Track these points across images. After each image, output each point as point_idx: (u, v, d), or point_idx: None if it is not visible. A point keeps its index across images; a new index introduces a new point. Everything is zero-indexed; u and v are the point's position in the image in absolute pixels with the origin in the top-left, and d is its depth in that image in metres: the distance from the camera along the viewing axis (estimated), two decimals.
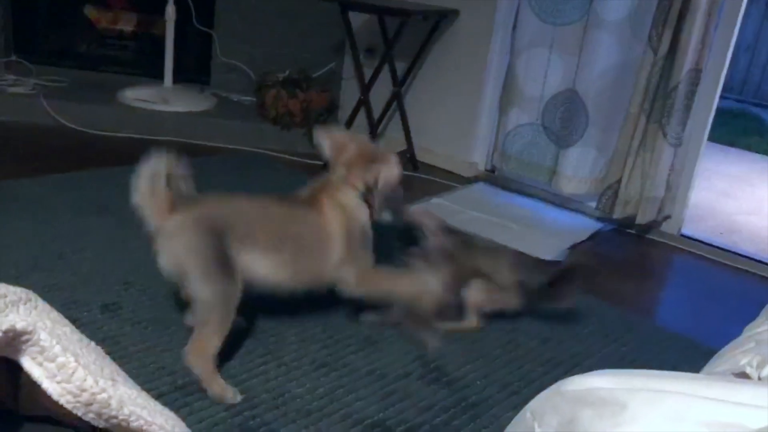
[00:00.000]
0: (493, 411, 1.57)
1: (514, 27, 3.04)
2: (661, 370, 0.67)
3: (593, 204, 2.91)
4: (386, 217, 1.84)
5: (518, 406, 1.27)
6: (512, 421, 0.73)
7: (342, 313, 1.90)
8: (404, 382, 1.64)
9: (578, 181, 2.93)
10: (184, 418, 0.68)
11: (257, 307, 1.86)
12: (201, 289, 1.51)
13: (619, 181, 2.74)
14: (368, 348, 1.76)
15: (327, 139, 1.81)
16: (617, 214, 2.77)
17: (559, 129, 2.97)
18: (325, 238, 1.69)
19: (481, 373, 1.72)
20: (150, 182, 1.57)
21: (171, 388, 1.50)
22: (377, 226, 1.84)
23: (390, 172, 1.82)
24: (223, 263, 1.52)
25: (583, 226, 2.86)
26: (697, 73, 2.55)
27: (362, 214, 1.77)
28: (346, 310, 1.92)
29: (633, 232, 2.86)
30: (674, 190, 2.76)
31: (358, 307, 1.85)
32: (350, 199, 1.75)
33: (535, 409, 0.69)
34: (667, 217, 2.82)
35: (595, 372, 0.67)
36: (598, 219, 2.91)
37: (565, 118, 2.94)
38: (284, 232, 1.66)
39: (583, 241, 2.71)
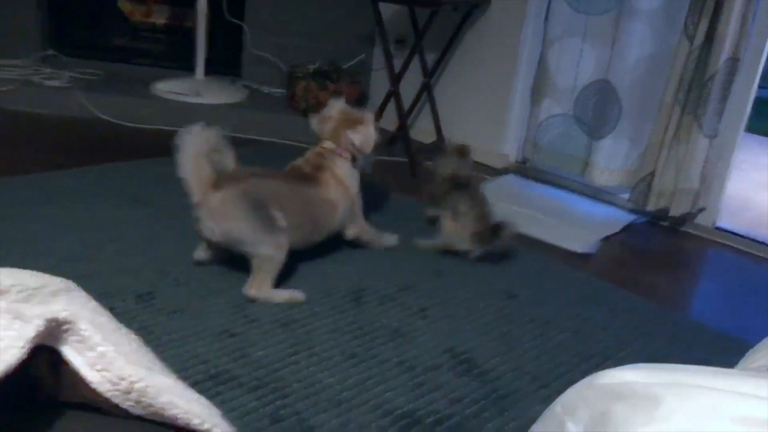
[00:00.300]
0: (523, 403, 1.57)
1: (546, 17, 3.01)
2: (695, 364, 0.66)
3: (626, 196, 2.87)
4: (366, 169, 2.22)
5: (548, 399, 1.27)
6: (542, 414, 0.73)
7: (372, 304, 1.92)
8: (434, 374, 1.64)
9: (611, 172, 2.90)
10: (216, 407, 0.70)
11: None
12: (257, 249, 1.83)
13: (652, 173, 2.71)
14: (398, 339, 1.76)
15: (314, 119, 2.16)
16: (650, 206, 2.73)
17: (592, 120, 2.94)
18: (333, 207, 2.05)
19: (511, 365, 1.71)
20: (193, 159, 1.80)
21: (204, 376, 1.52)
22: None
23: (366, 133, 2.12)
24: (269, 224, 1.83)
25: (615, 219, 2.82)
26: (734, 62, 2.50)
27: (355, 180, 2.13)
28: (377, 301, 1.93)
29: (666, 224, 2.83)
30: (709, 182, 2.71)
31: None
32: (344, 170, 2.09)
33: (567, 403, 0.69)
34: (702, 210, 2.77)
35: (628, 366, 0.66)
36: (631, 211, 2.88)
37: (597, 108, 2.90)
38: (303, 208, 1.97)
39: (615, 233, 2.68)
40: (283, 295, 1.85)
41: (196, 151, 1.80)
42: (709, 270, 2.65)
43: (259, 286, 1.84)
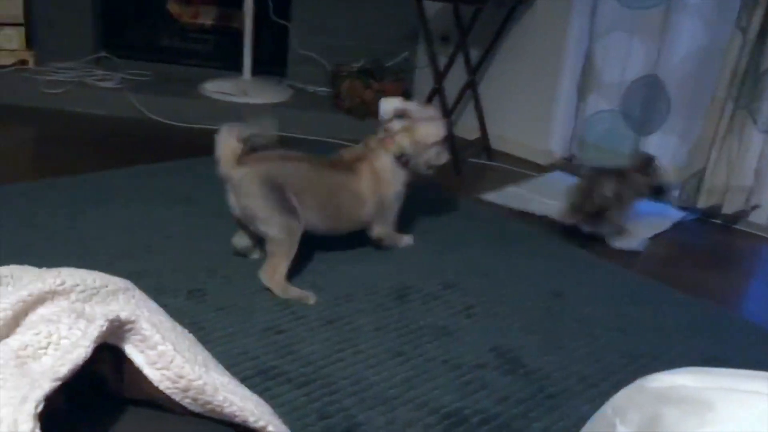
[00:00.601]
0: (571, 403, 1.56)
1: (593, 12, 2.96)
2: (746, 366, 0.65)
3: (675, 193, 2.82)
4: (422, 170, 2.13)
5: (596, 399, 1.26)
6: (592, 417, 0.73)
7: (416, 302, 1.92)
8: (480, 373, 1.64)
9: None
10: (266, 402, 0.71)
11: (332, 297, 1.90)
12: (268, 228, 1.86)
13: (703, 170, 2.65)
14: (443, 338, 1.77)
15: (386, 104, 2.21)
16: (701, 203, 2.68)
17: (639, 115, 2.89)
18: (359, 200, 2.02)
19: (558, 365, 1.70)
20: (226, 140, 1.88)
21: (253, 372, 1.55)
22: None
23: (425, 131, 2.05)
24: (283, 206, 1.85)
25: (664, 216, 2.77)
26: None
27: (396, 179, 2.06)
28: (422, 299, 1.94)
29: (718, 222, 2.76)
30: (763, 179, 2.64)
31: None
32: (384, 163, 2.04)
33: (617, 405, 0.69)
34: (756, 207, 2.70)
35: (680, 369, 0.66)
36: (681, 208, 2.82)
37: (645, 104, 2.85)
38: (326, 193, 1.97)
39: (664, 231, 2.64)
40: (294, 292, 1.86)
41: (234, 131, 1.88)
42: (762, 268, 2.58)
43: (272, 273, 1.86)
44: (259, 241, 1.98)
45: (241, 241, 2.03)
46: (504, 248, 2.32)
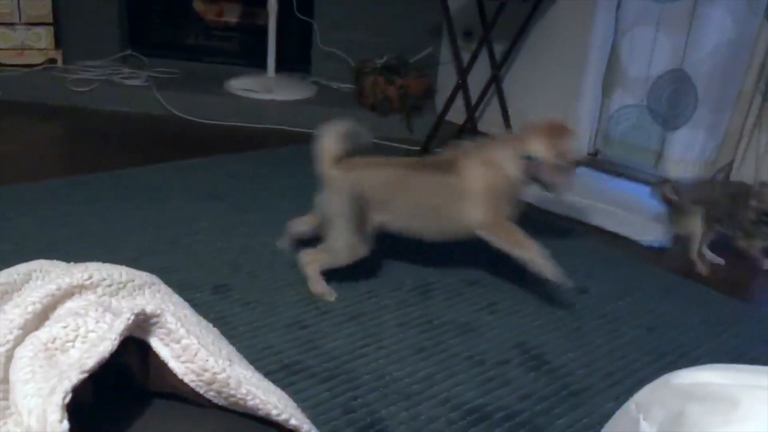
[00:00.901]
0: (595, 400, 1.55)
1: (618, 6, 2.93)
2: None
3: None
4: (554, 189, 1.94)
5: (621, 396, 1.25)
6: (616, 413, 0.73)
7: (439, 298, 1.92)
8: (503, 369, 1.64)
9: (686, 164, 2.81)
10: (289, 396, 0.72)
11: (355, 293, 1.91)
12: (335, 237, 1.85)
13: (731, 164, 2.61)
14: (467, 334, 1.77)
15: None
16: None
17: (666, 110, 2.85)
18: (460, 198, 1.88)
19: (582, 362, 1.69)
20: (327, 137, 1.87)
21: (277, 366, 1.56)
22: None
23: (568, 144, 1.89)
24: (358, 225, 1.83)
25: None
26: None
27: (513, 170, 1.89)
28: (445, 295, 1.94)
29: None
30: None
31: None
32: (502, 155, 1.89)
33: (641, 402, 0.68)
34: None
35: (705, 366, 0.65)
36: None
37: (672, 99, 2.82)
38: (420, 199, 1.89)
39: None
40: (319, 286, 1.86)
41: (335, 129, 1.87)
42: None
43: (312, 262, 1.87)
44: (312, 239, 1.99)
45: (299, 225, 2.05)
46: None
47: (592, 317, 1.90)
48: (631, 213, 2.66)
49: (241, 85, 3.51)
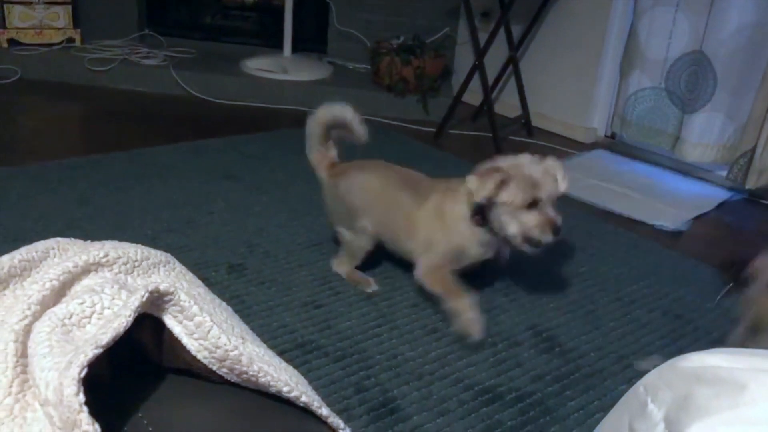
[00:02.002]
0: (607, 383, 1.55)
1: None
2: None
3: (720, 173, 2.75)
4: (521, 245, 1.65)
5: (633, 379, 1.25)
6: (625, 395, 0.73)
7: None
8: (516, 350, 1.65)
9: (704, 147, 2.78)
10: (303, 375, 0.73)
11: (371, 273, 1.92)
12: (340, 233, 1.89)
13: (753, 149, 2.58)
14: (480, 315, 1.77)
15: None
16: (750, 183, 2.61)
17: (684, 93, 2.82)
18: (414, 226, 1.76)
19: (595, 344, 1.69)
20: (312, 135, 1.89)
21: (292, 345, 1.58)
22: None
23: (517, 186, 1.60)
24: (349, 216, 1.84)
25: (708, 196, 2.71)
26: None
27: (464, 230, 1.69)
28: (458, 276, 1.94)
29: (767, 202, 2.69)
30: None
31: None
32: (454, 209, 1.70)
33: (649, 384, 0.68)
34: None
35: (714, 349, 0.65)
36: (727, 188, 2.76)
37: (691, 81, 2.78)
38: (386, 210, 1.81)
39: (708, 211, 2.58)
40: (356, 277, 1.88)
41: (315, 128, 1.88)
42: None
43: (340, 263, 1.91)
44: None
45: None
46: None
47: (606, 300, 1.89)
48: (648, 196, 2.65)
49: (258, 65, 3.51)
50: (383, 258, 1.99)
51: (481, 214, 1.66)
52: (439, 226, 1.71)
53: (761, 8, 2.55)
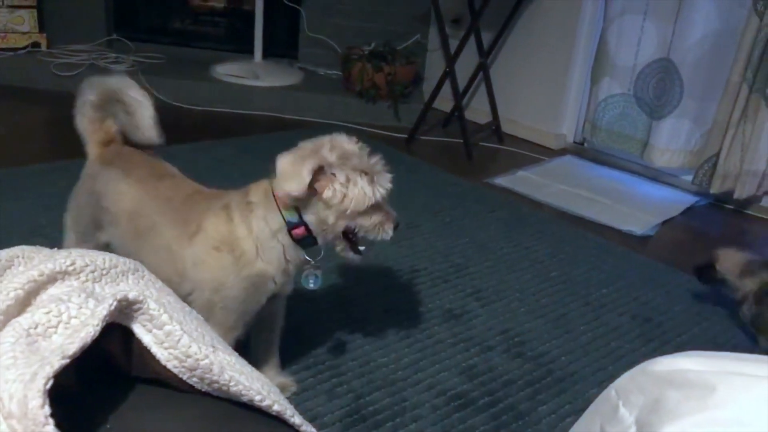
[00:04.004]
0: (578, 387, 1.57)
1: None
2: (755, 352, 0.65)
3: (687, 178, 2.80)
4: (351, 254, 1.35)
5: (604, 383, 1.26)
6: (596, 399, 0.74)
7: (425, 285, 1.93)
8: (487, 355, 1.65)
9: (671, 153, 2.83)
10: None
11: (341, 280, 1.91)
12: (67, 238, 1.53)
13: (717, 154, 2.63)
14: (451, 320, 1.78)
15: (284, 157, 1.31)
16: (714, 188, 2.66)
17: (652, 99, 2.86)
18: (178, 277, 1.28)
19: (566, 348, 1.71)
20: (83, 109, 1.49)
21: None
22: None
23: (357, 191, 1.25)
24: (86, 232, 1.45)
25: (675, 201, 2.76)
26: None
27: (263, 265, 1.28)
28: (431, 282, 1.94)
29: (731, 207, 2.74)
30: None
31: None
32: (259, 236, 1.27)
33: (620, 388, 0.69)
34: None
35: (684, 353, 0.66)
36: (693, 193, 2.81)
37: (658, 88, 2.83)
38: (139, 229, 1.35)
39: (675, 216, 2.62)
40: None
41: (90, 94, 1.47)
42: None
43: None
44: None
45: None
46: (514, 232, 2.32)
47: (576, 305, 1.91)
48: (617, 202, 2.68)
49: (228, 70, 3.48)
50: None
51: (304, 222, 1.27)
52: (229, 262, 1.27)
53: (723, 17, 2.61)
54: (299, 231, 1.27)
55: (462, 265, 2.06)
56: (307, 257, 1.32)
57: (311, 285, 1.37)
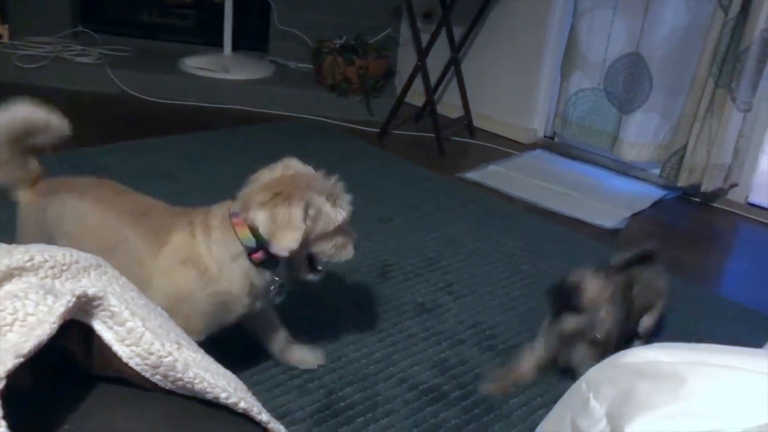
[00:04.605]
0: (550, 379, 1.57)
1: None
2: (724, 342, 0.65)
3: (656, 171, 2.83)
4: (310, 275, 1.39)
5: (575, 376, 1.26)
6: (567, 392, 0.73)
7: (397, 279, 1.92)
8: (459, 349, 1.65)
9: (640, 147, 2.86)
10: (246, 381, 0.71)
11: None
12: None
13: (684, 148, 2.66)
14: (423, 315, 1.77)
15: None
16: (682, 181, 2.69)
17: (622, 94, 2.89)
18: (143, 285, 1.14)
19: None
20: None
21: (235, 347, 1.54)
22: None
23: (278, 216, 1.23)
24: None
25: (645, 194, 2.79)
26: None
27: (227, 285, 1.28)
28: (403, 276, 1.94)
29: (698, 200, 2.78)
30: (742, 157, 2.66)
31: None
32: (219, 257, 1.27)
33: (591, 380, 0.69)
34: (734, 185, 2.72)
35: (653, 345, 0.66)
36: (661, 187, 2.84)
37: (628, 82, 2.85)
38: (112, 259, 1.19)
39: (645, 209, 2.65)
40: None
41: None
42: (740, 246, 2.61)
43: None
44: None
45: None
46: (485, 226, 2.32)
47: (544, 299, 1.92)
48: (587, 195, 2.70)
49: (197, 63, 3.43)
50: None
51: (263, 246, 1.26)
52: (194, 276, 1.27)
53: (691, 12, 2.64)
54: (258, 256, 1.27)
55: (434, 259, 2.05)
56: (275, 277, 1.33)
57: (276, 300, 1.38)
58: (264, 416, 0.64)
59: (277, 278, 1.34)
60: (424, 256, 2.07)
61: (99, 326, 0.60)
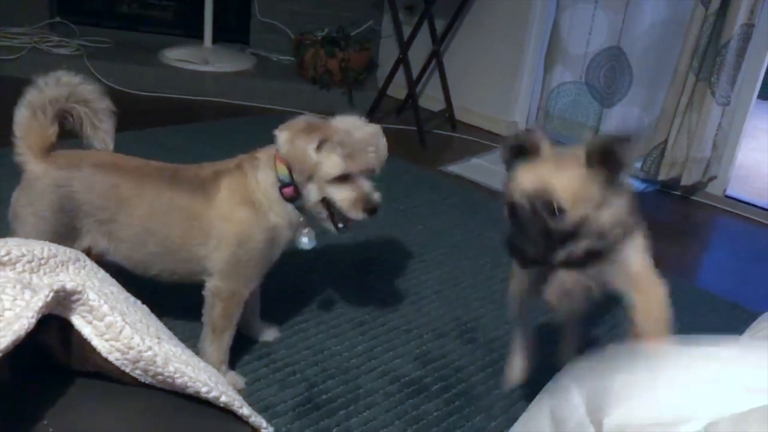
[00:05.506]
0: (530, 372, 1.58)
1: None
2: (703, 333, 0.66)
3: (636, 165, 2.85)
4: (331, 226, 1.44)
5: (556, 368, 1.27)
6: (548, 383, 0.74)
7: (380, 273, 1.93)
8: (441, 342, 1.66)
9: None
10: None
11: (295, 268, 1.89)
12: None
13: (665, 141, 2.68)
14: (405, 308, 1.78)
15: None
16: (662, 175, 2.71)
17: (603, 87, 2.91)
18: (199, 230, 1.37)
19: None
20: (28, 111, 1.45)
21: None
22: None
23: (331, 160, 1.35)
24: (62, 236, 1.35)
25: None
26: (749, 28, 2.46)
27: (274, 217, 1.38)
28: (386, 270, 1.94)
29: (677, 193, 2.81)
30: (721, 151, 2.68)
31: None
32: (265, 189, 1.37)
33: (572, 372, 0.70)
34: (713, 178, 2.75)
35: (631, 337, 0.67)
36: (641, 180, 2.86)
37: (608, 76, 2.87)
38: (147, 217, 1.38)
39: None
40: None
41: (36, 102, 1.43)
42: (718, 238, 2.64)
43: None
44: None
45: None
46: (467, 219, 2.33)
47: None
48: None
49: (177, 55, 3.40)
50: (308, 253, 1.97)
51: (294, 183, 1.36)
52: (251, 214, 1.36)
53: (671, 6, 2.66)
54: (288, 191, 1.37)
55: (416, 253, 2.06)
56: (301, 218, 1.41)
57: (305, 243, 1.45)
58: (245, 410, 0.64)
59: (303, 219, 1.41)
60: (406, 250, 2.07)
61: (78, 321, 0.60)
